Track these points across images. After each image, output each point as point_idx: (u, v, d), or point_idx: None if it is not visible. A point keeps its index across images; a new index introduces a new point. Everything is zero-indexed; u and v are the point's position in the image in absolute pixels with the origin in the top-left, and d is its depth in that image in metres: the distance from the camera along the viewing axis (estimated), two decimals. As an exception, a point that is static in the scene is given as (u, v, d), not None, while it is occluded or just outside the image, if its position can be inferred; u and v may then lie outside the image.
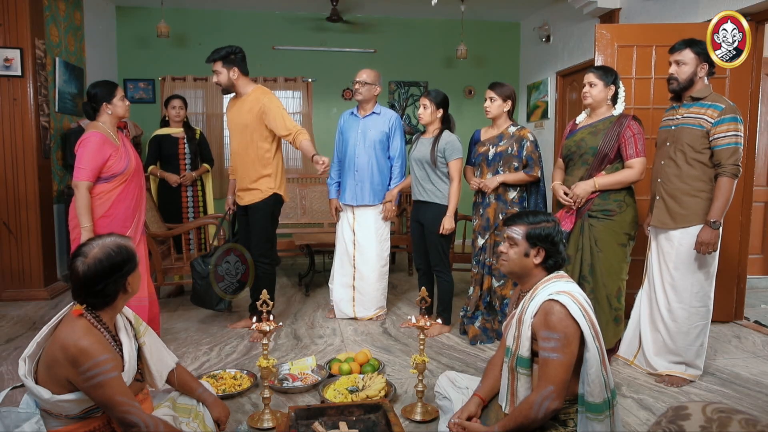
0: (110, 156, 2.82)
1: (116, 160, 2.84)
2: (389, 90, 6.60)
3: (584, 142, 2.87)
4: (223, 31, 6.17)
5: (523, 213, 1.92)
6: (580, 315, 1.70)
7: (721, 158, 2.54)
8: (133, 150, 3.01)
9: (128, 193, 2.91)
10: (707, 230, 2.56)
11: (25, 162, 4.21)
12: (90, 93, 2.91)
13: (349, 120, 3.76)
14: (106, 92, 2.89)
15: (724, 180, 2.54)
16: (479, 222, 3.31)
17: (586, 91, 2.87)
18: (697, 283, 2.67)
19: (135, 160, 2.96)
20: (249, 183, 3.37)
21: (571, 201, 2.85)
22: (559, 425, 1.75)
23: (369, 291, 3.75)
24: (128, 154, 2.92)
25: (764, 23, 3.58)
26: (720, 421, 0.92)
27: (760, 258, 4.76)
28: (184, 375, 2.00)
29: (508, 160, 3.21)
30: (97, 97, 2.88)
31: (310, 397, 2.61)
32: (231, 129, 3.43)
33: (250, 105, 3.28)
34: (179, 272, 3.96)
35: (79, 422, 1.67)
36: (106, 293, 1.66)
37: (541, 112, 6.20)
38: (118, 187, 2.86)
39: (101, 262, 1.64)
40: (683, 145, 2.63)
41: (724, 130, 2.52)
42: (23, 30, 4.12)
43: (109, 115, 2.89)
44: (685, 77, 2.63)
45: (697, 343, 2.71)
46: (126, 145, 2.95)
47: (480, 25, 6.56)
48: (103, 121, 2.89)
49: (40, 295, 4.25)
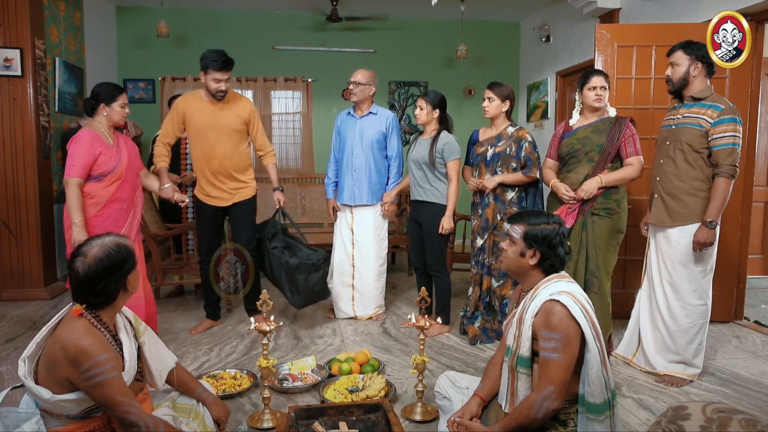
0: (100, 154, 2.83)
1: (106, 159, 2.85)
2: (389, 90, 6.60)
3: (589, 140, 2.92)
4: (223, 31, 6.18)
5: (526, 213, 1.91)
6: (581, 315, 1.70)
7: (719, 158, 2.56)
8: (131, 151, 3.02)
9: (122, 193, 2.92)
10: (703, 230, 2.59)
11: (25, 162, 4.21)
12: (93, 90, 2.95)
13: (346, 120, 3.77)
14: (108, 95, 2.92)
15: (721, 180, 2.57)
16: (478, 222, 3.32)
17: (600, 94, 2.92)
18: (695, 281, 2.69)
19: (129, 160, 2.96)
20: (235, 183, 3.41)
21: (573, 198, 2.90)
22: (559, 425, 1.75)
23: (368, 290, 3.76)
24: (120, 154, 2.92)
25: (764, 23, 3.58)
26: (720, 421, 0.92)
27: (760, 258, 4.76)
28: (184, 375, 2.00)
29: (506, 161, 3.22)
30: (98, 97, 2.92)
31: (310, 397, 2.61)
32: (211, 131, 3.32)
33: (238, 111, 3.38)
34: (179, 272, 3.96)
35: (79, 422, 1.66)
36: (107, 292, 1.66)
37: (541, 112, 6.20)
38: (109, 186, 2.87)
39: (102, 261, 1.64)
40: (682, 144, 2.65)
41: (723, 130, 2.55)
42: (23, 30, 4.12)
43: (104, 116, 2.92)
44: (679, 77, 2.69)
45: (696, 342, 2.72)
46: (121, 146, 2.96)
47: (480, 25, 6.56)
48: (98, 120, 2.92)
49: (40, 295, 4.26)
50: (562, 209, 2.94)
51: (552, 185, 3.04)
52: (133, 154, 3.06)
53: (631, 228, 3.17)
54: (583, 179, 2.91)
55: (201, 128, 3.33)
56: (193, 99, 3.37)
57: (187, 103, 3.36)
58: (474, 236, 3.36)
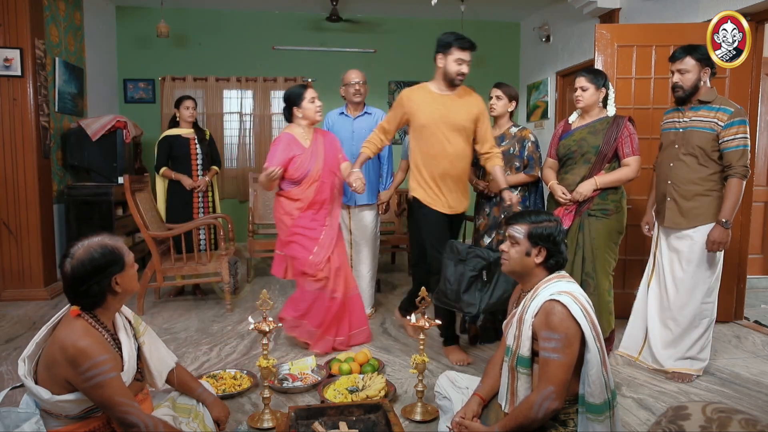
0: (294, 157, 3.04)
1: (300, 164, 3.05)
2: (389, 90, 6.60)
3: (585, 142, 2.92)
4: (223, 31, 6.18)
5: (525, 212, 1.92)
6: (582, 316, 1.70)
7: (732, 160, 2.62)
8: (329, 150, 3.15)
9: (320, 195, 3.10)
10: (719, 229, 2.63)
11: (25, 162, 4.21)
12: (284, 98, 3.17)
13: (339, 120, 3.73)
14: (295, 96, 3.09)
15: (734, 181, 2.62)
16: (485, 222, 3.32)
17: (578, 94, 2.94)
18: (707, 280, 2.75)
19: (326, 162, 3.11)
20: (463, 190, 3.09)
21: (570, 200, 2.92)
22: (559, 425, 1.75)
23: (366, 289, 3.78)
24: (315, 156, 3.09)
25: (764, 23, 3.58)
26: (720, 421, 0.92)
27: (760, 258, 4.75)
28: (184, 375, 2.00)
29: (509, 160, 3.22)
30: (289, 102, 3.13)
31: (310, 397, 2.61)
32: (442, 126, 2.93)
33: (469, 106, 2.99)
34: (179, 272, 3.95)
35: (78, 422, 1.66)
36: (90, 294, 1.64)
37: (541, 112, 6.20)
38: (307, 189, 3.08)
39: (83, 263, 1.62)
40: (694, 147, 2.69)
41: (734, 132, 2.60)
42: (23, 30, 4.12)
43: (300, 118, 3.11)
44: (690, 84, 2.69)
45: (704, 338, 2.80)
46: (318, 147, 3.11)
47: (480, 25, 6.56)
48: (297, 123, 3.14)
49: (40, 295, 4.26)
50: (559, 210, 2.96)
51: (550, 187, 3.05)
52: (331, 153, 3.16)
53: (631, 228, 3.17)
54: (579, 181, 2.92)
55: (429, 123, 2.93)
56: (420, 90, 3.02)
57: (412, 94, 3.01)
58: (480, 236, 3.35)
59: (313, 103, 3.08)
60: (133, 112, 5.90)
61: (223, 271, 3.92)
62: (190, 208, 4.28)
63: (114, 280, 1.66)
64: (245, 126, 6.33)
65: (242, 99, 6.31)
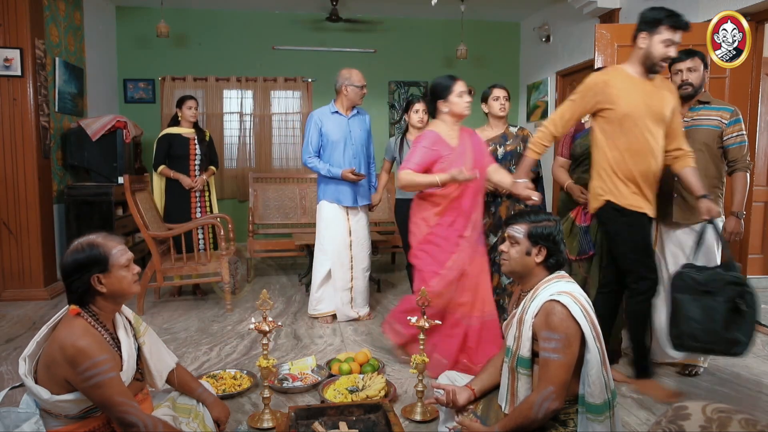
0: (440, 158, 2.70)
1: (446, 165, 2.68)
2: (389, 90, 6.60)
3: None
4: (223, 31, 6.19)
5: (524, 212, 1.92)
6: (582, 316, 1.70)
7: (737, 155, 2.75)
8: (477, 150, 2.82)
9: (464, 200, 2.73)
10: (733, 220, 2.77)
11: (25, 162, 4.21)
12: (429, 90, 2.86)
13: (332, 119, 3.63)
14: (441, 89, 2.74)
15: (741, 174, 2.77)
16: (490, 221, 3.31)
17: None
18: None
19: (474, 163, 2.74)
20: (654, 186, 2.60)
21: None
22: (559, 425, 1.75)
23: (363, 289, 3.78)
24: (464, 157, 2.73)
25: (764, 23, 3.58)
26: (720, 421, 0.92)
27: (760, 258, 4.75)
28: (184, 375, 2.00)
29: (519, 159, 3.22)
30: (433, 95, 2.79)
31: (310, 397, 2.61)
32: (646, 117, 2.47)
33: (666, 96, 2.54)
34: (179, 272, 3.96)
35: (78, 422, 1.66)
36: (73, 290, 1.66)
37: (541, 112, 6.20)
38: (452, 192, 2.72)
39: (67, 258, 1.66)
40: (701, 144, 2.76)
41: (738, 129, 2.75)
42: (23, 30, 4.12)
43: (446, 113, 2.76)
44: (699, 82, 2.78)
45: None
46: (465, 146, 2.77)
47: (480, 25, 6.56)
48: (442, 119, 2.79)
49: (40, 295, 4.26)
50: (577, 210, 2.98)
51: (567, 187, 3.07)
52: (480, 153, 2.83)
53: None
54: None
55: (634, 112, 2.46)
56: (617, 74, 2.54)
57: (611, 79, 2.51)
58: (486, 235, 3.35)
59: (462, 98, 2.74)
60: (133, 112, 5.91)
61: (223, 271, 3.92)
62: (187, 208, 4.28)
63: (95, 279, 1.65)
64: (245, 126, 6.34)
65: (242, 99, 6.32)
